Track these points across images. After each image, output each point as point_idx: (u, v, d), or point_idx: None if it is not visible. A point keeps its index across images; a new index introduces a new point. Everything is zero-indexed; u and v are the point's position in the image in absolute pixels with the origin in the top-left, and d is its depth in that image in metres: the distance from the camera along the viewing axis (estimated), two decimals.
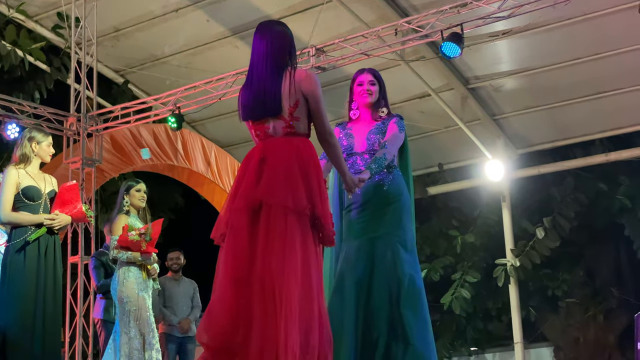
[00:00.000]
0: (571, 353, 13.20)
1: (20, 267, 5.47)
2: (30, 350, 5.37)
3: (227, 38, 10.26)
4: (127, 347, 6.17)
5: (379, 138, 4.65)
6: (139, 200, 6.56)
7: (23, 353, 5.33)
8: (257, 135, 3.92)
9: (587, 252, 13.12)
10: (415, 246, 4.72)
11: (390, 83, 5.15)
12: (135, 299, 6.30)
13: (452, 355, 14.07)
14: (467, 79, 10.50)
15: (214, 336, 3.63)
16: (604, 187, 11.92)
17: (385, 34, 8.30)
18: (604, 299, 12.93)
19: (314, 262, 3.73)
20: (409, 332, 4.37)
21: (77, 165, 9.28)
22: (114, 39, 10.52)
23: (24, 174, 5.64)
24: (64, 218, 5.68)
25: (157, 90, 10.61)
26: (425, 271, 12.31)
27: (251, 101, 3.88)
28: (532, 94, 10.58)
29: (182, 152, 10.55)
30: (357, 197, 4.61)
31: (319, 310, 3.70)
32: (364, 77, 4.81)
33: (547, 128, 11.19)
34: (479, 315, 13.69)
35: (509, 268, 11.21)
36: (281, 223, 3.66)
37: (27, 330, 5.39)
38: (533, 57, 9.96)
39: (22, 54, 10.63)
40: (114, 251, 6.36)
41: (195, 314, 8.50)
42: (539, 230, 11.49)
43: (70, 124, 9.44)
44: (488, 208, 12.37)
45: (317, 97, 3.85)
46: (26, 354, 5.35)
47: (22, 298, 5.43)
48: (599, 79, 10.05)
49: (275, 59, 3.89)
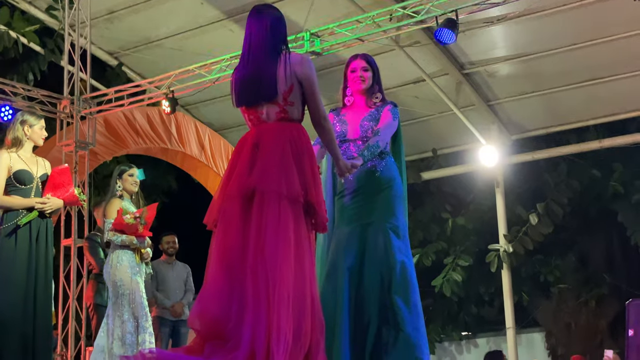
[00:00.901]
0: (563, 338, 13.28)
1: (12, 251, 5.45)
2: (22, 333, 5.37)
3: (222, 21, 10.21)
4: (120, 330, 6.18)
5: (372, 125, 4.65)
6: (132, 184, 6.55)
7: (14, 336, 5.33)
8: (250, 120, 3.91)
9: (579, 238, 13.19)
10: (407, 232, 4.72)
11: (384, 68, 5.14)
12: (128, 282, 6.30)
13: (443, 339, 14.16)
14: (461, 64, 10.49)
15: (206, 322, 3.63)
16: (597, 174, 11.96)
17: (380, 19, 8.27)
18: (596, 285, 13.00)
19: (306, 249, 3.73)
20: (400, 319, 4.38)
21: (70, 148, 9.25)
22: (107, 21, 10.46)
23: (16, 157, 5.62)
24: (56, 202, 5.66)
25: (152, 73, 10.57)
26: (417, 256, 12.35)
27: (246, 85, 3.87)
28: (527, 79, 10.58)
29: (176, 135, 10.53)
30: (350, 183, 4.61)
31: (312, 297, 3.70)
32: (357, 64, 4.79)
33: (542, 114, 11.19)
34: (472, 300, 13.77)
35: (502, 254, 11.24)
36: (274, 209, 3.66)
37: (18, 314, 5.38)
38: (528, 42, 9.95)
39: (16, 36, 10.57)
40: (108, 234, 6.35)
41: (188, 297, 8.51)
42: (532, 216, 11.52)
43: (64, 106, 9.41)
44: (481, 193, 12.41)
45: (311, 81, 3.84)
46: (18, 338, 5.36)
47: (14, 282, 5.42)
48: (594, 65, 10.05)
49: (271, 43, 3.87)
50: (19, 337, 5.35)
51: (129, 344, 6.13)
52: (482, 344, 14.29)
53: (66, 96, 9.47)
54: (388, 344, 4.36)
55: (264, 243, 3.61)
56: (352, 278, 4.49)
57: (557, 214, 11.60)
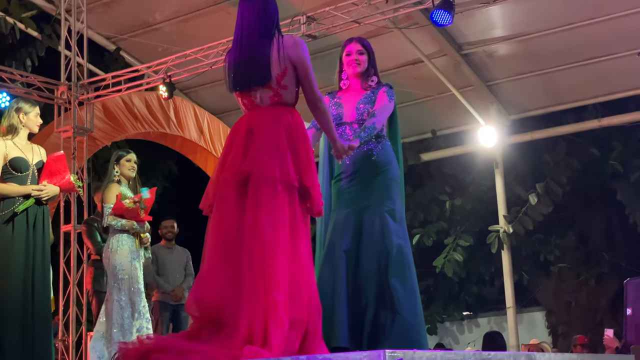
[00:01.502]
0: (563, 317, 13.33)
1: (9, 238, 5.45)
2: (21, 320, 5.38)
3: (219, 4, 10.17)
4: (119, 316, 6.21)
5: (368, 107, 4.65)
6: (129, 170, 6.55)
7: (14, 323, 5.35)
8: (244, 105, 3.91)
9: (579, 217, 13.20)
10: (404, 215, 4.72)
11: (382, 50, 5.15)
12: (128, 267, 6.33)
13: (445, 319, 14.22)
14: (460, 45, 10.46)
15: (203, 307, 3.65)
16: (596, 153, 11.96)
17: (376, 1, 8.24)
18: (595, 264, 13.03)
19: (302, 233, 3.74)
20: (397, 302, 4.39)
21: (68, 134, 9.25)
22: (104, 5, 10.42)
23: (12, 145, 5.62)
24: (52, 189, 5.65)
25: (149, 57, 10.54)
26: (418, 236, 12.40)
27: (239, 69, 3.86)
28: (525, 59, 10.55)
29: (175, 119, 10.53)
30: (346, 166, 4.62)
31: (308, 281, 3.72)
32: (352, 47, 4.78)
33: (540, 94, 11.17)
34: (472, 280, 13.81)
35: (502, 234, 11.25)
36: (269, 194, 3.67)
37: (17, 302, 5.39)
38: (526, 22, 9.92)
39: (13, 22, 10.55)
40: (108, 218, 6.36)
41: (189, 282, 8.54)
42: (531, 196, 11.53)
43: (61, 92, 9.40)
44: (481, 174, 12.41)
45: (305, 64, 3.83)
46: (17, 325, 5.37)
47: (11, 269, 5.42)
48: (592, 44, 10.02)
49: (264, 26, 3.86)
50: (18, 324, 5.36)
51: (128, 329, 6.15)
52: (483, 324, 14.35)
53: (63, 82, 9.46)
54: (385, 327, 4.37)
55: (259, 228, 3.62)
56: (349, 262, 4.50)
57: (557, 194, 11.61)
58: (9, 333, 5.35)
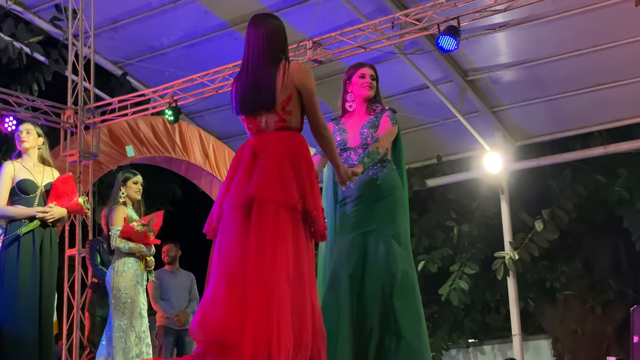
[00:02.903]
0: (569, 345, 13.23)
1: (14, 261, 5.43)
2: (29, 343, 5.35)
3: (226, 30, 10.23)
4: (122, 340, 6.17)
5: (371, 132, 4.65)
6: (136, 192, 6.54)
7: (19, 348, 5.32)
8: (249, 129, 3.93)
9: (585, 244, 13.13)
10: (409, 240, 4.70)
11: (388, 76, 5.16)
12: (132, 291, 6.30)
13: (450, 347, 14.11)
14: (465, 71, 10.48)
15: (207, 332, 3.63)
16: (602, 179, 11.91)
17: (382, 27, 8.27)
18: (602, 291, 12.95)
19: (305, 257, 3.74)
20: (402, 327, 4.37)
21: (74, 158, 9.27)
22: (111, 30, 10.49)
23: (20, 167, 5.62)
24: (58, 211, 5.63)
25: (156, 82, 10.58)
26: (423, 262, 12.33)
27: (245, 94, 3.88)
28: (531, 86, 10.56)
29: (180, 144, 10.55)
30: (351, 191, 4.61)
31: (312, 306, 3.71)
32: (366, 70, 4.78)
33: (546, 120, 11.16)
34: (477, 307, 13.72)
35: (508, 261, 11.20)
36: (273, 218, 3.67)
37: (23, 326, 5.35)
38: (532, 49, 9.94)
39: (20, 47, 10.61)
40: (115, 241, 6.33)
41: (193, 306, 8.52)
42: (537, 222, 11.47)
43: (68, 116, 9.43)
44: (486, 200, 12.37)
45: (310, 90, 3.84)
46: (23, 348, 5.34)
47: (18, 293, 5.39)
48: (598, 70, 10.03)
49: (271, 51, 3.88)
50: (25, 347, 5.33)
51: (130, 353, 6.11)
52: (488, 351, 14.25)
53: (70, 106, 9.49)
54: (390, 352, 4.35)
55: (263, 252, 3.62)
56: (353, 287, 4.48)
57: (563, 220, 11.55)
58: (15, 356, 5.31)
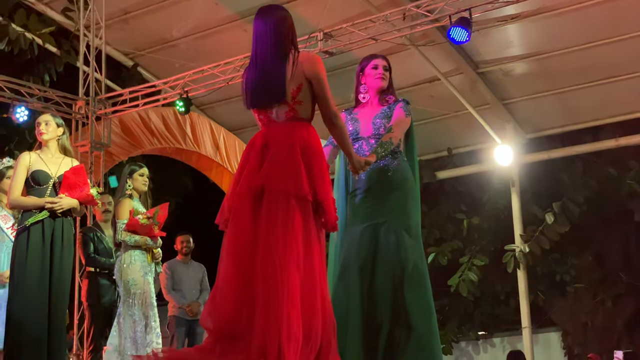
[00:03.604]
0: (579, 338, 13.22)
1: (23, 252, 5.42)
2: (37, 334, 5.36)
3: (236, 21, 10.23)
4: (132, 330, 6.20)
5: (384, 122, 4.63)
6: (142, 184, 6.55)
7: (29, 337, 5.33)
8: (260, 121, 3.92)
9: (596, 237, 13.11)
10: (420, 232, 4.68)
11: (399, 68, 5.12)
12: (141, 282, 6.32)
13: (460, 339, 14.12)
14: (476, 63, 10.46)
15: (217, 321, 3.64)
16: (613, 172, 11.89)
17: (393, 19, 8.26)
18: (612, 284, 12.93)
19: (316, 247, 3.73)
20: (412, 318, 4.36)
21: (85, 149, 9.31)
22: (123, 22, 10.50)
23: (36, 157, 5.62)
24: (68, 201, 5.59)
25: (166, 73, 10.59)
26: (433, 255, 12.33)
27: (255, 86, 3.87)
28: (542, 78, 10.53)
29: (191, 135, 10.56)
30: (362, 182, 4.60)
31: (322, 296, 3.70)
32: (379, 61, 4.76)
33: (557, 113, 11.14)
34: (487, 299, 13.72)
35: (518, 254, 11.18)
36: (283, 209, 3.66)
37: (32, 315, 5.36)
38: (543, 41, 9.91)
39: (32, 38, 10.63)
40: (121, 234, 6.36)
41: (204, 297, 8.55)
42: (548, 215, 11.45)
43: (79, 107, 9.46)
44: (497, 193, 12.36)
45: (321, 79, 3.83)
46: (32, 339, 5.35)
47: (25, 284, 5.38)
48: (610, 63, 9.99)
49: (279, 43, 3.87)
50: (33, 339, 5.34)
51: (141, 343, 6.15)
52: (498, 344, 14.25)
53: (81, 97, 9.53)
54: (400, 343, 4.34)
55: (273, 242, 3.61)
56: (363, 278, 4.47)
57: (573, 213, 11.53)
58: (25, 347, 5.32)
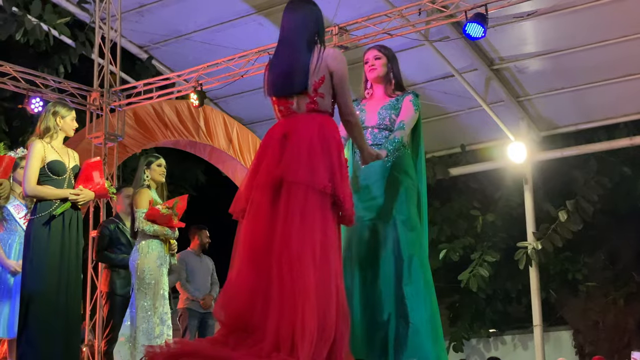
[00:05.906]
0: (590, 337, 13.18)
1: (45, 240, 5.47)
2: (54, 320, 5.40)
3: (251, 15, 10.23)
4: (145, 320, 6.20)
5: (390, 114, 4.66)
6: (160, 175, 6.55)
7: (46, 324, 5.37)
8: (280, 111, 3.93)
9: (609, 236, 13.06)
10: (419, 223, 4.64)
11: (413, 63, 5.14)
12: (155, 272, 6.32)
13: (471, 336, 14.10)
14: (491, 59, 10.43)
15: (230, 313, 3.64)
16: (627, 171, 11.84)
17: (409, 14, 8.24)
18: (624, 284, 12.89)
19: (332, 241, 3.72)
20: (411, 312, 4.36)
21: (99, 140, 9.33)
22: (138, 14, 10.52)
23: (50, 148, 5.64)
24: (88, 194, 5.68)
25: (181, 66, 10.62)
26: (444, 251, 12.30)
27: (278, 76, 3.89)
28: (557, 76, 10.49)
29: (204, 128, 10.58)
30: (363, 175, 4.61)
31: (337, 289, 3.69)
32: (369, 54, 4.84)
33: (571, 110, 11.09)
34: (499, 297, 13.70)
35: (530, 251, 11.15)
36: (301, 201, 3.66)
37: (50, 302, 5.40)
38: (558, 38, 9.87)
39: (47, 29, 10.67)
40: (141, 223, 6.36)
41: (215, 290, 8.58)
42: (561, 213, 11.40)
43: (94, 99, 9.49)
44: (510, 190, 12.32)
45: (342, 75, 3.86)
46: (49, 325, 5.39)
47: (47, 270, 5.44)
48: (625, 61, 9.94)
49: (306, 35, 3.90)
50: (50, 324, 5.38)
51: (153, 334, 6.15)
52: (509, 342, 14.23)
53: (96, 89, 9.55)
54: (400, 337, 4.34)
55: (290, 234, 3.62)
56: (362, 272, 4.48)
57: (587, 211, 11.48)
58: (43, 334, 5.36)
